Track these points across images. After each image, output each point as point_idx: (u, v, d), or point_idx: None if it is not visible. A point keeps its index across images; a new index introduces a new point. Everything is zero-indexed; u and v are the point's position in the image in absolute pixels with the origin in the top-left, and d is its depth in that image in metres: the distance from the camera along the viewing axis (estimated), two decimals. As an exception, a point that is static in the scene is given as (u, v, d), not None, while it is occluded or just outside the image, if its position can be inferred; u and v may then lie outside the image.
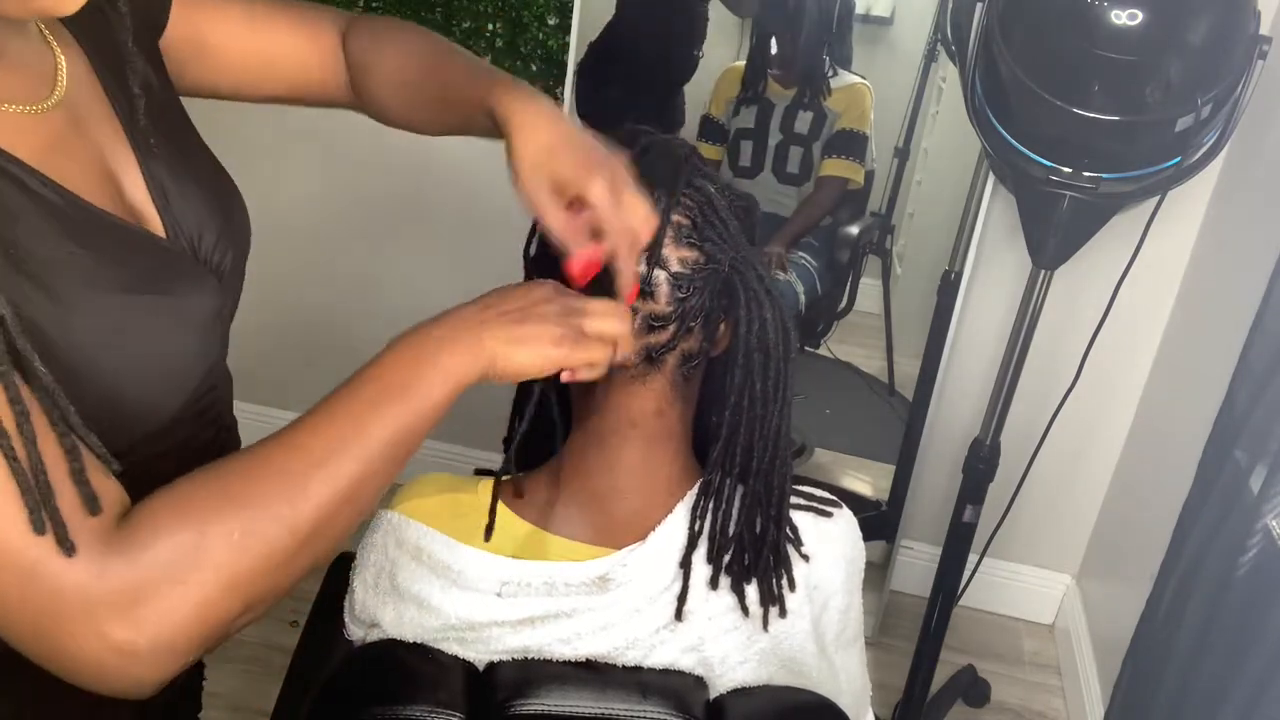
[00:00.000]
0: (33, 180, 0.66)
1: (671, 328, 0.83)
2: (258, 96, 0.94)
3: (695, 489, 0.88)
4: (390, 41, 0.93)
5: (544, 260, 0.90)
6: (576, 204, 0.77)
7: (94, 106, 0.75)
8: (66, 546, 0.56)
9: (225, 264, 0.81)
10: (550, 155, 0.76)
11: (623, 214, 0.75)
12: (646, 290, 0.82)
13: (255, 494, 0.62)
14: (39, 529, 0.56)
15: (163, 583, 0.58)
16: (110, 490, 0.61)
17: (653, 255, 0.81)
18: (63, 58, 0.73)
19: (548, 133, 0.77)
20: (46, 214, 0.66)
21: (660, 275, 0.82)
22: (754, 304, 0.84)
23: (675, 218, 0.82)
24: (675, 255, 0.82)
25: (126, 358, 0.69)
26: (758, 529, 0.87)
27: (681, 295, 0.83)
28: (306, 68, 0.93)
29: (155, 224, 0.77)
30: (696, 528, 0.86)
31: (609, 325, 0.76)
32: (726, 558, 0.86)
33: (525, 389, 0.99)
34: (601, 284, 0.78)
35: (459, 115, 0.88)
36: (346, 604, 0.92)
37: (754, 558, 0.86)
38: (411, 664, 0.84)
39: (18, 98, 0.68)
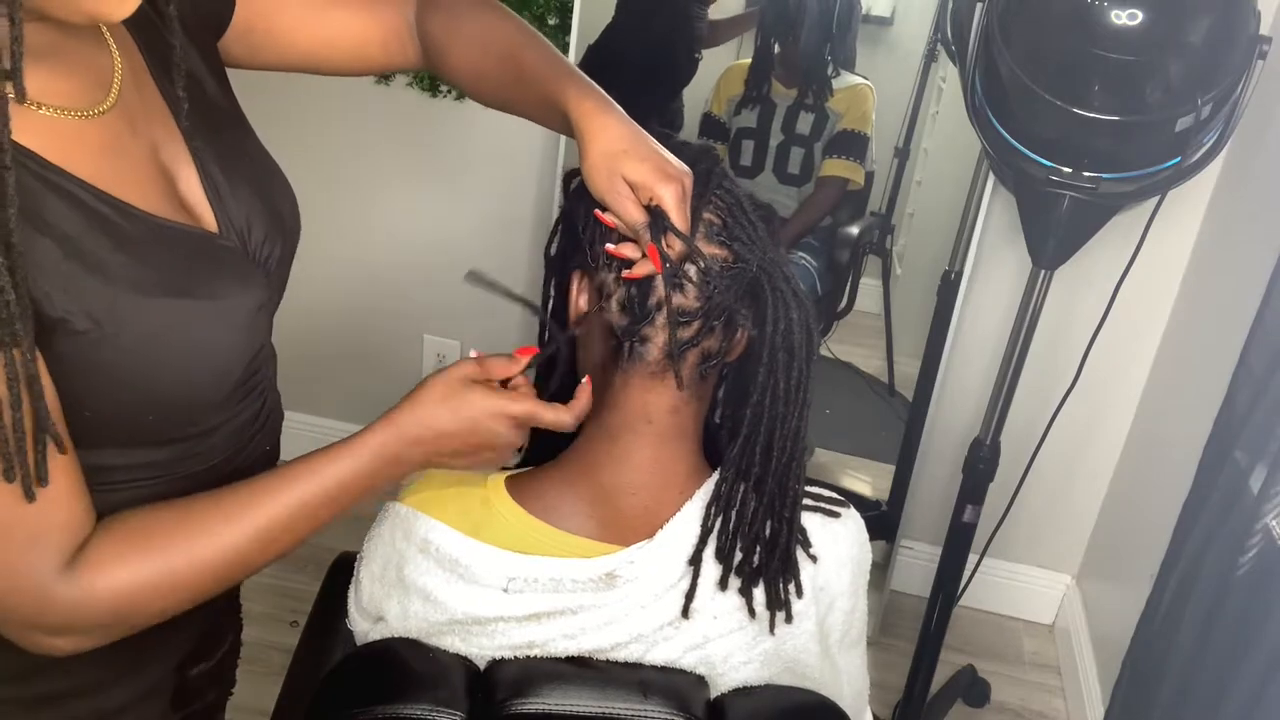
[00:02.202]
0: (87, 195, 0.70)
1: (696, 324, 0.84)
2: (326, 72, 0.97)
3: (705, 488, 0.88)
4: (468, 24, 0.94)
5: (564, 254, 0.90)
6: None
7: (149, 103, 0.78)
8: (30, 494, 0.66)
9: (273, 258, 0.85)
10: (623, 158, 0.80)
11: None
12: (676, 283, 0.82)
13: (182, 544, 0.74)
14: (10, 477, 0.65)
15: (92, 625, 0.73)
16: (79, 514, 0.71)
17: (684, 250, 0.82)
18: (119, 57, 0.76)
19: (620, 138, 0.80)
20: (99, 228, 0.70)
21: (690, 270, 0.83)
22: (780, 304, 0.85)
23: (706, 216, 0.84)
24: (705, 251, 0.83)
25: (170, 355, 0.73)
26: (768, 531, 0.87)
27: (709, 291, 0.83)
28: (367, 44, 0.96)
29: (208, 218, 0.80)
30: (709, 526, 0.86)
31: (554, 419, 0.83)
32: (738, 558, 0.86)
33: (541, 388, 0.99)
34: (644, 284, 0.83)
35: (532, 108, 0.91)
36: (352, 596, 0.93)
37: (765, 559, 0.87)
38: (412, 663, 0.84)
39: (75, 103, 0.71)
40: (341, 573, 0.97)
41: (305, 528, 0.78)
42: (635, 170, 0.79)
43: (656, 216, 0.79)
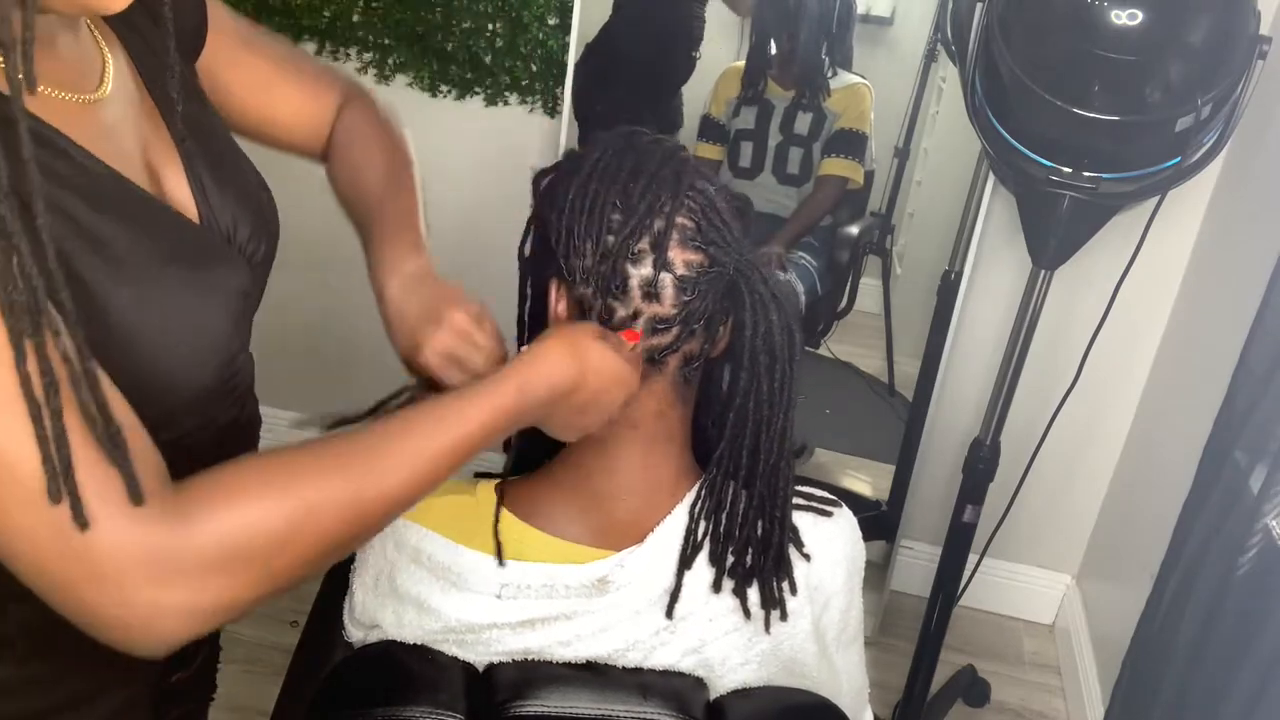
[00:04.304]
0: (79, 154, 0.69)
1: (675, 330, 0.83)
2: (247, 137, 0.99)
3: (694, 490, 0.88)
4: (359, 149, 1.00)
5: (539, 258, 0.90)
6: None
7: (138, 105, 0.79)
8: (81, 520, 0.57)
9: (258, 255, 0.85)
10: (416, 353, 0.83)
11: (488, 336, 0.85)
12: (652, 292, 0.82)
13: (312, 479, 0.65)
14: (55, 498, 0.56)
15: (209, 570, 0.60)
16: (151, 460, 0.62)
17: (658, 258, 0.81)
18: (110, 57, 0.77)
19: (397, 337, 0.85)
20: (91, 187, 0.69)
21: (666, 278, 0.82)
22: (759, 307, 0.84)
23: (679, 220, 0.82)
24: (680, 258, 0.82)
25: (161, 326, 0.71)
26: (760, 531, 0.87)
27: (687, 298, 0.83)
28: (294, 130, 1.01)
29: (193, 216, 0.80)
30: (698, 528, 0.86)
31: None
32: (730, 560, 0.86)
33: None
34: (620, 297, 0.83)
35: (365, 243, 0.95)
36: (346, 606, 0.92)
37: (757, 560, 0.86)
38: (411, 665, 0.84)
39: (68, 87, 0.71)
40: (341, 573, 0.96)
41: (424, 478, 0.70)
42: (418, 322, 0.83)
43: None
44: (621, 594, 0.84)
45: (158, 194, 0.77)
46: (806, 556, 0.90)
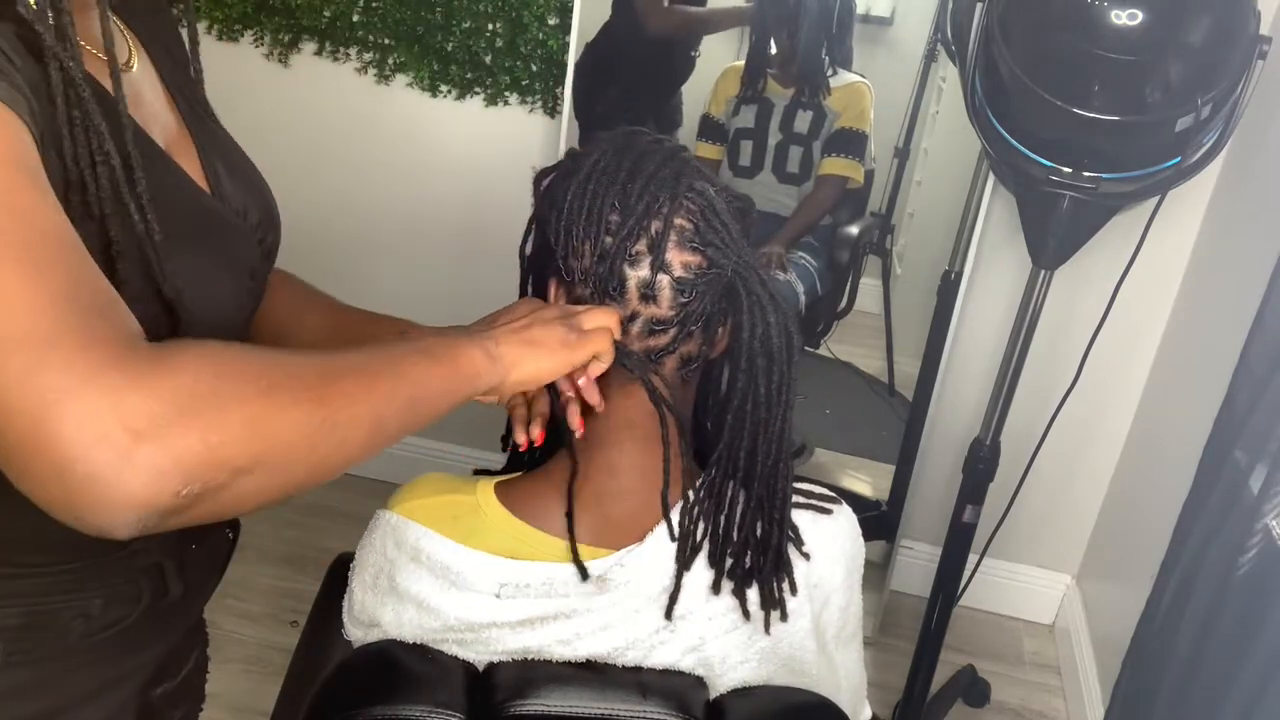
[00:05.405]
0: (118, 112, 0.69)
1: (672, 331, 0.83)
2: None
3: (693, 490, 0.88)
4: (321, 295, 1.01)
5: (540, 257, 0.90)
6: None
7: (157, 92, 0.80)
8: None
9: (265, 242, 0.85)
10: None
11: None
12: (650, 294, 0.82)
13: (288, 372, 0.60)
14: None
15: (180, 405, 0.54)
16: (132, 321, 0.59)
17: (656, 260, 0.81)
18: (133, 44, 0.79)
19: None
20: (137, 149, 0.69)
21: (663, 280, 0.82)
22: (757, 309, 0.84)
23: (678, 221, 0.82)
24: (678, 260, 0.82)
25: (174, 289, 0.69)
26: (759, 532, 0.87)
27: (684, 300, 0.83)
28: None
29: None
30: (695, 529, 0.86)
31: (603, 318, 0.81)
32: (729, 561, 0.86)
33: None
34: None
35: None
36: (345, 604, 0.92)
37: (756, 561, 0.86)
38: (411, 664, 0.84)
39: (104, 52, 0.72)
40: (341, 573, 0.97)
41: (412, 416, 0.67)
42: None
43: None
44: (620, 592, 0.84)
45: None
46: (806, 555, 0.89)
